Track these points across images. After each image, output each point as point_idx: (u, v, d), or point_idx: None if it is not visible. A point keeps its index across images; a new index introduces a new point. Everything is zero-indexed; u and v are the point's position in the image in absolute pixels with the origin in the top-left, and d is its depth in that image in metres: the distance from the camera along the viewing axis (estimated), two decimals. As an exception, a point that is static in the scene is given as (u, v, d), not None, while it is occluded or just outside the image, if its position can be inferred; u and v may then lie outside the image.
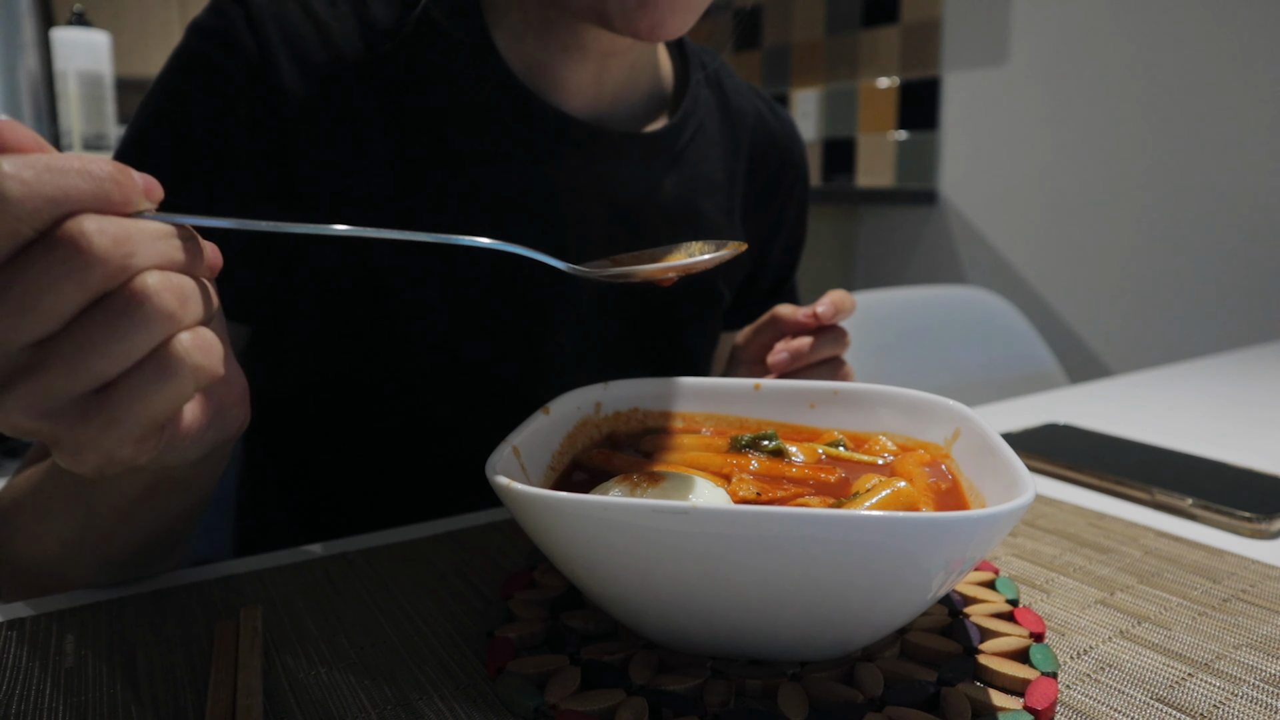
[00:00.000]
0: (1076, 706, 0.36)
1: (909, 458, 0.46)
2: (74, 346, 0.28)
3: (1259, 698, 0.36)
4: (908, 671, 0.36)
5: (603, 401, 0.50)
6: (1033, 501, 0.35)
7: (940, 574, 0.32)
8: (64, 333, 0.28)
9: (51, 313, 0.28)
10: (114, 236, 0.28)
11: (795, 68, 2.79)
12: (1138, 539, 0.53)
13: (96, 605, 0.43)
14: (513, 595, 0.42)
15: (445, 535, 0.53)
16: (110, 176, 0.29)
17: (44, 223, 0.27)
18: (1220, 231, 1.84)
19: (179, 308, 0.29)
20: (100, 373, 0.28)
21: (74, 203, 0.28)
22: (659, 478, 0.39)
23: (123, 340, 0.28)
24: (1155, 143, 1.92)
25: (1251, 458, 0.70)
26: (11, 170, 0.27)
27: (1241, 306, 1.81)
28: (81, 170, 0.28)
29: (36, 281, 0.27)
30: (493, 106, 0.60)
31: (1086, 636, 0.41)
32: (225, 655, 0.38)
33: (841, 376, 0.64)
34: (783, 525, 0.30)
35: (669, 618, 0.35)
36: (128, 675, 0.37)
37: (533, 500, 0.33)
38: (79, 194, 0.28)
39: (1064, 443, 0.71)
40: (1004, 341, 1.52)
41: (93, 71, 1.62)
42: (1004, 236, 2.24)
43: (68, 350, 0.28)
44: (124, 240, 0.28)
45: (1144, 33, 1.92)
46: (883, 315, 1.44)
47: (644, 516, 0.31)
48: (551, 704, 0.34)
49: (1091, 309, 2.07)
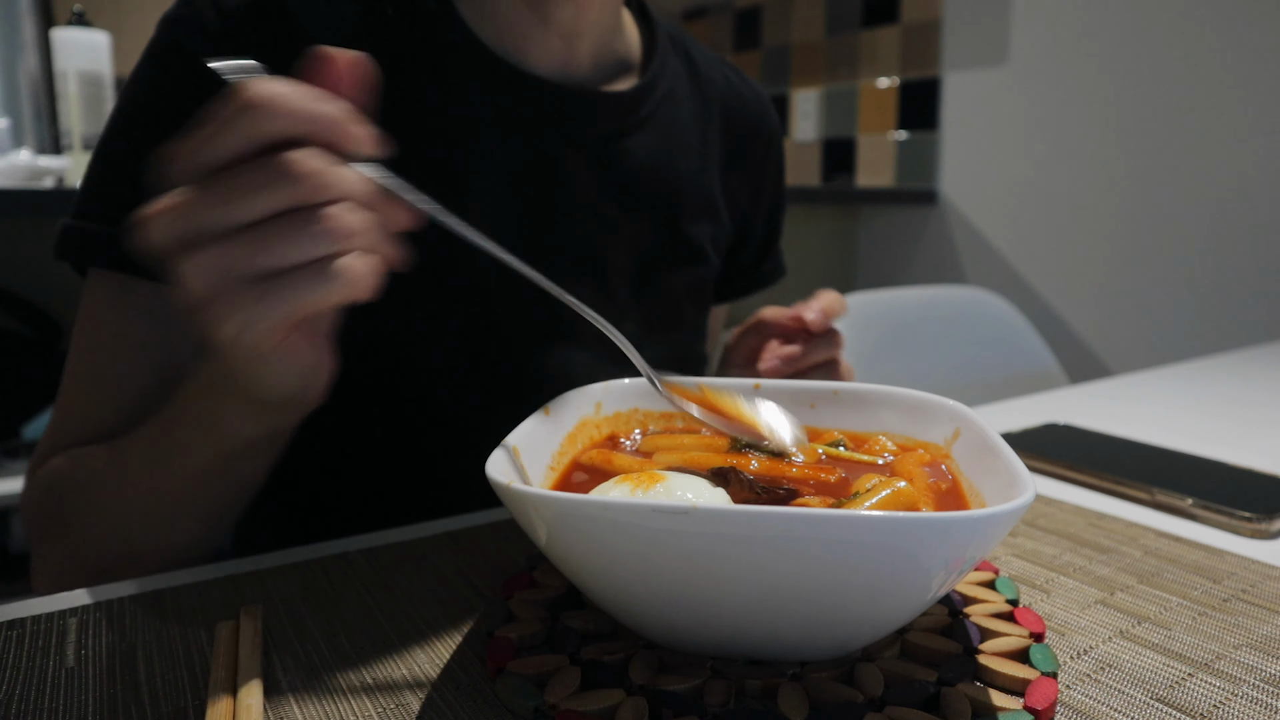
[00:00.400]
0: (1076, 706, 0.36)
1: (909, 457, 0.46)
2: (260, 239, 0.35)
3: (1259, 698, 0.36)
4: (908, 671, 0.36)
5: (603, 401, 0.50)
6: (1033, 501, 0.35)
7: (940, 574, 0.32)
8: (257, 225, 0.35)
9: (253, 210, 0.34)
10: (319, 169, 0.35)
11: (795, 68, 2.79)
12: (1138, 539, 0.53)
13: (96, 605, 0.44)
14: (513, 595, 0.42)
15: (445, 535, 0.53)
16: (341, 119, 0.36)
17: (285, 136, 0.34)
18: (1220, 231, 1.83)
19: (350, 235, 0.36)
20: (273, 265, 0.35)
21: (311, 125, 0.35)
22: (660, 478, 0.39)
23: (298, 246, 0.35)
24: (1155, 142, 1.92)
25: (1251, 458, 0.70)
26: (280, 89, 0.34)
27: (1241, 306, 1.81)
28: (325, 106, 0.35)
29: (251, 181, 0.34)
30: (463, 75, 0.61)
31: (1086, 636, 0.41)
32: (225, 655, 0.38)
33: (839, 376, 0.64)
34: (783, 525, 0.30)
35: (669, 618, 0.35)
36: (128, 675, 0.37)
37: (533, 500, 0.33)
38: (319, 121, 0.35)
39: (1064, 443, 0.71)
40: (1004, 341, 1.51)
41: (93, 71, 1.62)
42: (1004, 236, 2.24)
43: (254, 240, 0.35)
44: (325, 173, 0.35)
45: (1144, 32, 1.92)
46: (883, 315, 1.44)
47: (644, 516, 0.31)
48: (551, 704, 0.34)
49: (1091, 309, 2.07)
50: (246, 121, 0.34)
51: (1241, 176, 1.80)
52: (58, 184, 1.54)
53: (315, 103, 0.35)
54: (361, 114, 0.37)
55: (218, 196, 0.34)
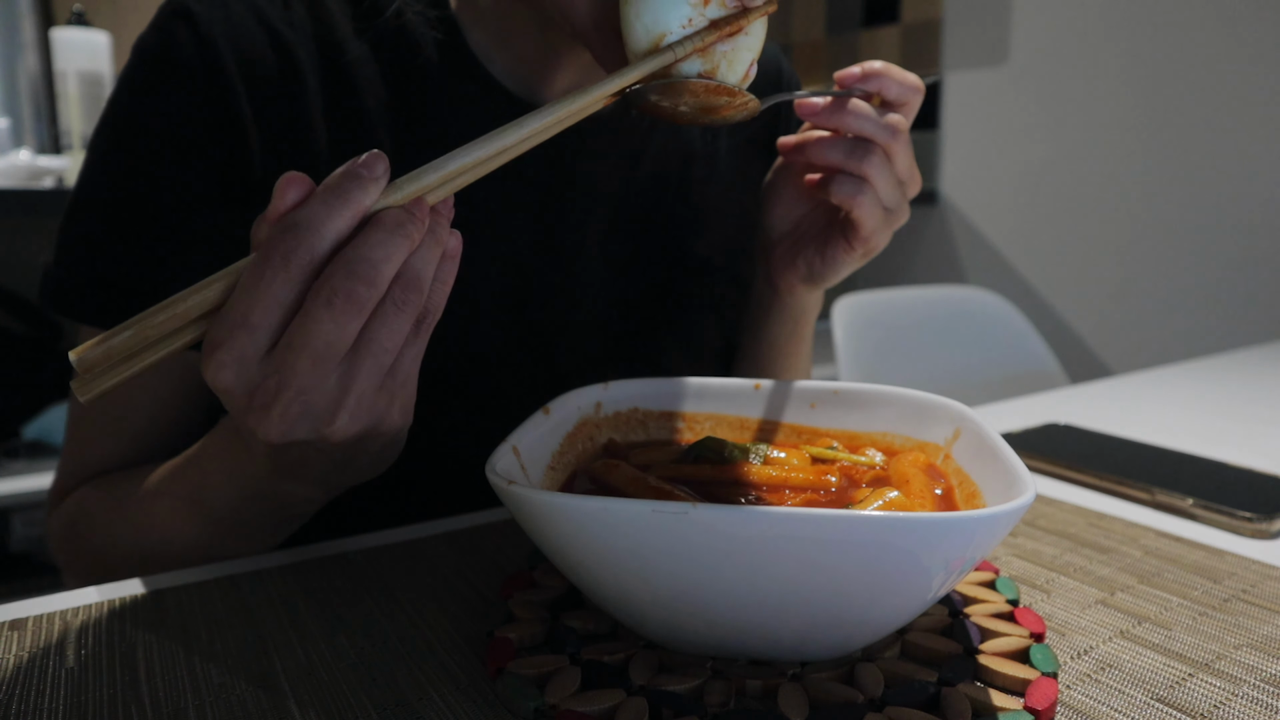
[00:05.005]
0: (1077, 707, 0.35)
1: (905, 459, 0.46)
2: (367, 354, 0.36)
3: (1259, 698, 0.36)
4: (908, 671, 0.36)
5: (603, 401, 0.50)
6: (1033, 501, 0.35)
7: (940, 574, 0.32)
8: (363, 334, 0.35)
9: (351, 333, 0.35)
10: (424, 275, 0.36)
11: (796, 67, 2.79)
12: (1138, 539, 0.53)
13: (97, 605, 0.44)
14: (513, 595, 0.42)
15: (445, 535, 0.52)
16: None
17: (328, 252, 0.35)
18: (1220, 231, 1.83)
19: (423, 286, 0.37)
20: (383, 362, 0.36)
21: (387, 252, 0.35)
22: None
23: (400, 329, 0.36)
24: (1155, 142, 1.92)
25: (1251, 458, 0.70)
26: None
27: (1241, 306, 1.81)
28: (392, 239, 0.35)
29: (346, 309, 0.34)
30: (472, 107, 0.59)
31: (1087, 636, 0.41)
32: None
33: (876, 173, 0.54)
34: (783, 525, 0.30)
35: (669, 618, 0.35)
36: (128, 675, 0.37)
37: (533, 500, 0.33)
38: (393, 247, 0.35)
39: (1064, 443, 0.71)
40: (1004, 341, 1.52)
41: (93, 71, 1.62)
42: (1004, 236, 2.24)
43: (358, 356, 0.36)
44: (423, 278, 0.36)
45: (1144, 32, 1.92)
46: (883, 315, 1.44)
47: (644, 516, 0.31)
48: (551, 704, 0.34)
49: (1091, 309, 2.06)
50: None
51: (1242, 176, 1.80)
52: (57, 184, 1.54)
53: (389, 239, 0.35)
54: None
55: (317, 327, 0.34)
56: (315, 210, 0.34)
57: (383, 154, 0.36)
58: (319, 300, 0.33)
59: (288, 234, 0.33)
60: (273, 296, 0.33)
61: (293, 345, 0.34)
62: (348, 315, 0.34)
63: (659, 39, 0.43)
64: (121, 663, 0.38)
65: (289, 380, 0.34)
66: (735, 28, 0.44)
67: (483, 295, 0.61)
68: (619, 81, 0.42)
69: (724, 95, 0.45)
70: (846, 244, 0.58)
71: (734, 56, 0.45)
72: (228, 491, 0.47)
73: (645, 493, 0.40)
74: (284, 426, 0.35)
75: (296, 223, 0.34)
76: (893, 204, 0.56)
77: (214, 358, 0.34)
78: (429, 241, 0.36)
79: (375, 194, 0.35)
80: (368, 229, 0.34)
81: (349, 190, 0.34)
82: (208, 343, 0.34)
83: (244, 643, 0.40)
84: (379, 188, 0.35)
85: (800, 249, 0.62)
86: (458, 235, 0.38)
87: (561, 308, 0.63)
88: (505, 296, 0.61)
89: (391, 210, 0.35)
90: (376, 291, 0.34)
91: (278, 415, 0.35)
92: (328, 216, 0.34)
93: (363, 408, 0.36)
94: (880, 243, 0.58)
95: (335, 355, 0.34)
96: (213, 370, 0.34)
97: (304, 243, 0.33)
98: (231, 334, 0.34)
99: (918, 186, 0.57)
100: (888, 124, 0.54)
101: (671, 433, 0.52)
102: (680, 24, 0.43)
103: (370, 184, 0.35)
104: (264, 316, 0.33)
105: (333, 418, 0.36)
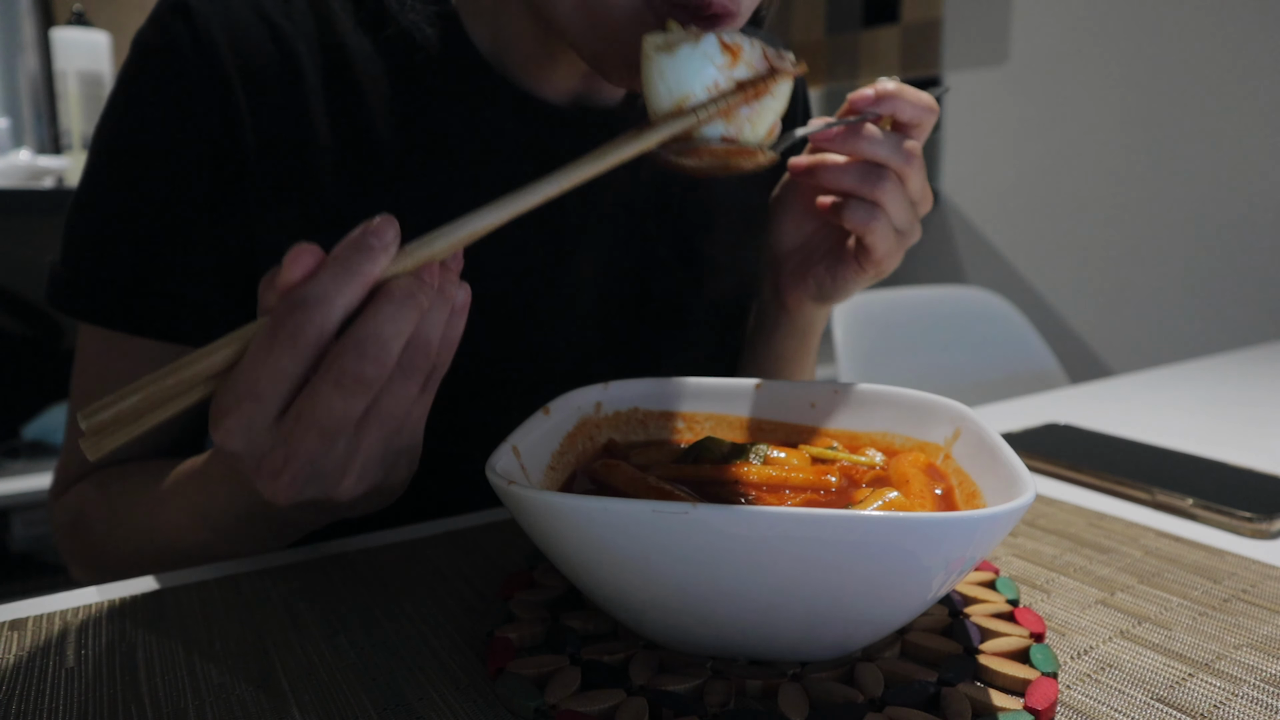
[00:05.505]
0: (1077, 707, 0.35)
1: (905, 459, 0.46)
2: (377, 421, 0.36)
3: (1259, 698, 0.36)
4: (908, 671, 0.36)
5: (603, 401, 0.50)
6: (1033, 501, 0.35)
7: (940, 574, 0.32)
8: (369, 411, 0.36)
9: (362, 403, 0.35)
10: (432, 340, 0.36)
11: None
12: (1138, 539, 0.53)
13: (96, 605, 0.44)
14: (513, 595, 0.42)
15: (445, 535, 0.53)
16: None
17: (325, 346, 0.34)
18: (1220, 231, 1.83)
19: (432, 349, 0.36)
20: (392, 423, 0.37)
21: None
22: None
23: (406, 394, 0.36)
24: (1155, 142, 1.92)
25: (1251, 458, 0.70)
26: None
27: (1241, 306, 1.81)
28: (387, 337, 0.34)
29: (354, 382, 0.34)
30: (478, 103, 0.59)
31: (1087, 636, 0.41)
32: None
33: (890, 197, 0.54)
34: (783, 525, 0.30)
35: (669, 618, 0.35)
36: (128, 675, 0.37)
37: (533, 500, 0.33)
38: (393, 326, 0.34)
39: (1064, 443, 0.71)
40: (1004, 341, 1.52)
41: (93, 71, 1.62)
42: (1004, 236, 2.24)
43: (367, 423, 0.36)
44: (431, 343, 0.36)
45: (1144, 32, 1.92)
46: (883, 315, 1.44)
47: (644, 516, 0.31)
48: (551, 704, 0.34)
49: (1091, 309, 2.06)
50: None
51: (1242, 176, 1.80)
52: (58, 184, 1.54)
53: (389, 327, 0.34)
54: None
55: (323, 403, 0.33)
56: (325, 285, 0.33)
57: (394, 220, 0.35)
58: (328, 380, 0.33)
59: (296, 310, 0.33)
60: (281, 370, 0.33)
61: (301, 419, 0.34)
62: (357, 396, 0.34)
63: (682, 101, 0.42)
64: (121, 663, 0.38)
65: (297, 451, 0.34)
66: (762, 89, 0.43)
67: (483, 296, 0.60)
68: (638, 145, 0.41)
69: (745, 155, 0.44)
70: (858, 266, 0.58)
71: (757, 118, 0.43)
72: (233, 508, 0.47)
73: (645, 493, 0.40)
74: (292, 491, 0.36)
75: (305, 299, 0.33)
76: (905, 226, 0.55)
77: (223, 425, 0.34)
78: (438, 303, 0.36)
79: (385, 263, 0.34)
80: (378, 301, 0.34)
81: (359, 264, 0.34)
82: (216, 408, 0.34)
83: (244, 643, 0.40)
84: (389, 256, 0.34)
85: (810, 267, 0.62)
86: (466, 288, 0.37)
87: (562, 308, 0.63)
88: (506, 297, 0.61)
89: (401, 280, 0.34)
90: (386, 370, 0.34)
91: (286, 482, 0.35)
92: (337, 293, 0.33)
93: (370, 469, 0.37)
94: (892, 265, 0.58)
95: (344, 429, 0.34)
96: (221, 436, 0.34)
97: (312, 320, 0.33)
98: (240, 403, 0.33)
99: (929, 204, 0.56)
100: (901, 149, 0.53)
101: (671, 433, 0.52)
102: (705, 86, 0.42)
103: (380, 254, 0.34)
104: (272, 388, 0.33)
105: (340, 481, 0.36)
